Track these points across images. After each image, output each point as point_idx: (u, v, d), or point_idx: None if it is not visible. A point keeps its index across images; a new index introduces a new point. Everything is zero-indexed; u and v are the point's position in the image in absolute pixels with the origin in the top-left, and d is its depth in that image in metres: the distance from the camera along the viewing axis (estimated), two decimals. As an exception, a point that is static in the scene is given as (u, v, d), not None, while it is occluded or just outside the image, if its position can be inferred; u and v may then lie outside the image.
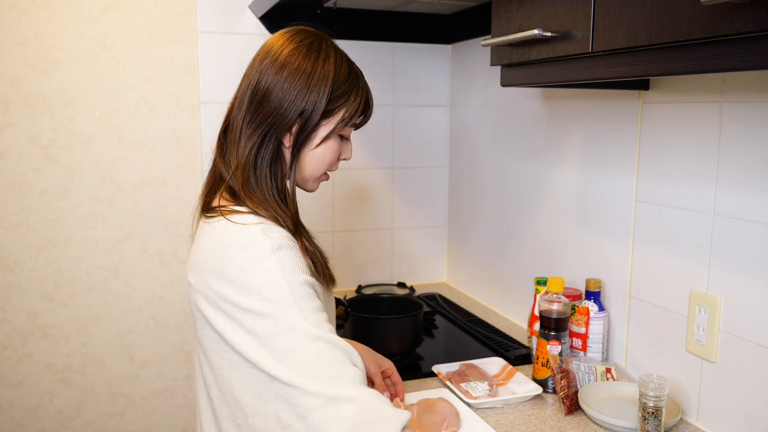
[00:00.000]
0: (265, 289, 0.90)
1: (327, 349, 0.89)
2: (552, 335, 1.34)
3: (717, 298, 1.15)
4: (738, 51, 0.73)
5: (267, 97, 1.00)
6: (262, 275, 0.90)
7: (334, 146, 1.06)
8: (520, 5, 1.13)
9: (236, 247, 0.93)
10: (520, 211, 1.78)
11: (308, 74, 1.00)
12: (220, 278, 0.92)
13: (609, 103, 1.42)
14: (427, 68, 2.14)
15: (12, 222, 1.79)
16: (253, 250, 0.92)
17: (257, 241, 0.92)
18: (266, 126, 1.00)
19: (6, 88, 1.74)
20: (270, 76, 1.01)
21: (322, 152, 1.05)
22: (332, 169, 1.10)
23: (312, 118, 1.00)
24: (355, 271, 2.16)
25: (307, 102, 1.00)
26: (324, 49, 1.04)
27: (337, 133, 1.05)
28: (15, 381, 1.84)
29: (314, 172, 1.07)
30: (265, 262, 0.91)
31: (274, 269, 0.91)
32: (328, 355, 0.88)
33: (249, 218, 0.96)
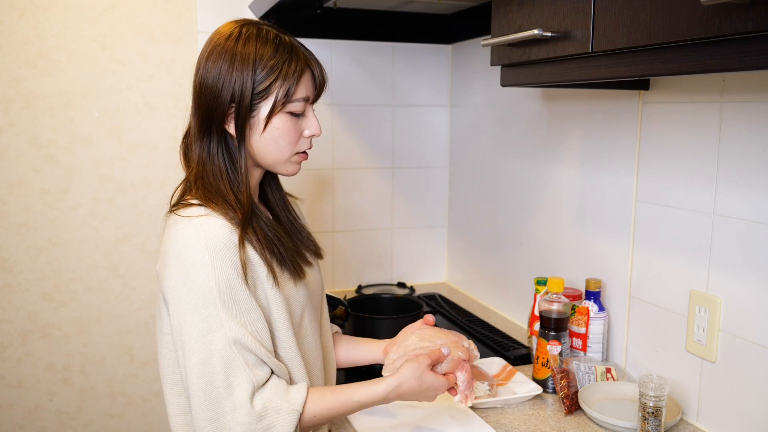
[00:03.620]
0: (196, 285, 0.94)
1: (241, 352, 0.94)
2: (552, 335, 1.34)
3: (717, 298, 1.15)
4: (738, 51, 0.73)
5: (201, 89, 1.02)
6: (190, 274, 0.94)
7: (284, 125, 1.03)
8: (520, 5, 1.13)
9: (173, 243, 0.97)
10: (520, 211, 1.78)
11: (230, 57, 1.00)
12: (162, 272, 0.98)
13: (609, 103, 1.42)
14: (427, 68, 2.14)
15: (12, 222, 1.78)
16: (185, 249, 0.95)
17: (191, 239, 0.95)
18: (208, 118, 1.02)
19: (6, 88, 1.74)
20: (201, 68, 1.03)
21: (272, 134, 1.03)
22: (301, 148, 1.08)
23: (243, 101, 1.00)
24: (355, 271, 2.16)
25: (234, 85, 0.99)
26: (245, 32, 1.02)
27: (283, 112, 1.02)
28: (15, 381, 1.84)
29: (278, 156, 1.05)
30: (196, 262, 0.94)
31: (200, 269, 0.94)
32: (242, 359, 0.94)
33: (194, 211, 0.98)
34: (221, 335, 0.93)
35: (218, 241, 0.95)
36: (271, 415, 0.94)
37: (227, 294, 0.95)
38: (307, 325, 1.11)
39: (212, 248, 0.95)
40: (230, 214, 0.99)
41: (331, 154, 2.06)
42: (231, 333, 0.94)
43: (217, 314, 0.94)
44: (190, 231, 0.96)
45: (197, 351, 0.94)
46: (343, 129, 2.07)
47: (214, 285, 0.94)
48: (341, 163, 2.08)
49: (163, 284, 0.98)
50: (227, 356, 0.93)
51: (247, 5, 1.89)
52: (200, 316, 0.94)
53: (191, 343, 0.94)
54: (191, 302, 0.94)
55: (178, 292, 0.95)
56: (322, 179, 2.06)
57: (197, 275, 0.94)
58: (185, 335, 0.95)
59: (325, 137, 2.04)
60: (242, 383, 0.94)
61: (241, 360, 0.94)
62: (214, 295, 0.94)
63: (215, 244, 0.95)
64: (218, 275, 0.94)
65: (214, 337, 0.94)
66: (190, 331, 0.94)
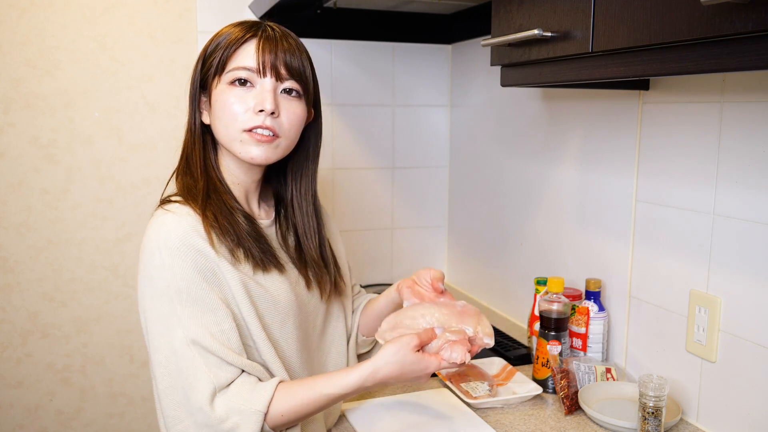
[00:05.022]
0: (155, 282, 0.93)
1: (201, 354, 0.92)
2: (552, 335, 1.34)
3: (717, 298, 1.15)
4: (738, 51, 0.73)
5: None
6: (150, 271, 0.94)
7: (223, 97, 1.01)
8: (520, 5, 1.13)
9: (143, 240, 0.97)
10: (520, 211, 1.78)
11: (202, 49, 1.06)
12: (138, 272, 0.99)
13: (609, 103, 1.42)
14: (427, 68, 2.14)
15: (12, 222, 1.78)
16: (147, 247, 0.95)
17: (151, 236, 0.95)
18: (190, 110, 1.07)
19: (6, 88, 1.74)
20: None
21: (216, 108, 1.03)
22: (246, 123, 1.00)
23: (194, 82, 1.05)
24: (355, 271, 2.15)
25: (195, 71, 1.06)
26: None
27: (223, 83, 1.02)
28: (15, 381, 1.84)
29: (225, 134, 1.02)
30: (154, 260, 0.94)
31: (161, 264, 0.93)
32: (203, 360, 0.92)
33: (170, 206, 0.99)
34: (180, 335, 0.92)
35: (175, 237, 0.93)
36: (233, 416, 0.92)
37: (185, 293, 0.93)
38: (290, 332, 1.06)
39: (169, 245, 0.93)
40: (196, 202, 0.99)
41: (331, 154, 2.06)
42: (188, 333, 0.92)
43: (174, 313, 0.92)
44: (153, 228, 0.96)
45: (159, 349, 0.93)
46: (343, 129, 2.07)
47: (171, 283, 0.92)
48: (341, 163, 2.08)
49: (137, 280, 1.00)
50: (186, 356, 0.92)
51: (247, 5, 1.89)
52: (159, 314, 0.93)
53: (154, 341, 0.94)
54: (152, 300, 0.94)
55: (141, 289, 0.96)
56: (322, 179, 2.06)
57: (155, 273, 0.93)
58: (150, 333, 0.95)
59: (325, 137, 2.03)
60: (201, 385, 0.92)
61: (201, 361, 0.92)
62: (171, 294, 0.92)
63: (172, 241, 0.93)
64: (175, 273, 0.92)
65: (172, 336, 0.92)
66: (153, 329, 0.94)
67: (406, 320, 1.07)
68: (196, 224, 0.96)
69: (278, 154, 1.05)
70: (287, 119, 1.03)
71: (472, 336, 1.04)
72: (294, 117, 1.04)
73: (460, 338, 1.01)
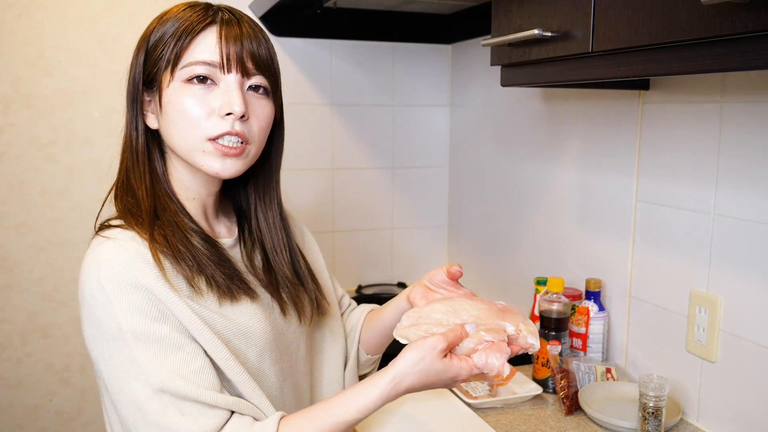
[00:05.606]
0: (102, 326, 0.78)
1: (173, 402, 0.76)
2: (552, 335, 1.34)
3: (717, 298, 1.15)
4: (738, 51, 0.73)
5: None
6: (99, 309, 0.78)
7: (179, 98, 0.84)
8: (520, 5, 1.13)
9: (80, 276, 0.81)
10: (520, 211, 1.78)
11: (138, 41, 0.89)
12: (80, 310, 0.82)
13: (609, 103, 1.42)
14: (427, 68, 2.14)
15: (12, 222, 1.78)
16: (86, 284, 0.79)
17: (89, 272, 0.79)
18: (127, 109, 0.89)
19: (6, 88, 1.74)
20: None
21: (168, 112, 0.85)
22: (211, 131, 0.84)
23: (134, 76, 0.87)
24: (355, 271, 2.16)
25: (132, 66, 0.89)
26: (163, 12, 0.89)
27: (177, 81, 0.84)
28: (15, 381, 1.84)
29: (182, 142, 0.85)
30: (99, 295, 0.77)
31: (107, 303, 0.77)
32: (176, 410, 0.76)
33: (108, 234, 0.82)
34: (142, 384, 0.76)
35: (120, 269, 0.77)
36: None
37: (141, 333, 0.76)
38: (268, 367, 0.90)
39: (113, 279, 0.77)
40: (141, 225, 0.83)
41: (331, 154, 2.06)
42: (153, 380, 0.75)
43: (132, 359, 0.76)
44: (90, 260, 0.80)
45: (122, 405, 0.78)
46: (343, 129, 2.07)
47: (123, 324, 0.76)
48: (341, 163, 2.08)
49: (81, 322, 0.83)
50: (156, 409, 0.76)
51: (247, 5, 1.89)
52: (114, 363, 0.77)
53: (115, 395, 0.78)
54: (102, 347, 0.78)
55: (88, 334, 0.80)
56: (322, 179, 2.06)
57: (101, 314, 0.77)
58: (108, 386, 0.79)
59: (325, 137, 2.04)
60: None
61: (175, 411, 0.76)
62: (126, 337, 0.76)
63: (116, 273, 0.77)
64: (126, 311, 0.76)
65: (133, 388, 0.76)
66: (110, 382, 0.79)
67: (435, 314, 0.88)
68: (143, 250, 0.80)
69: (248, 163, 0.89)
70: (257, 122, 0.87)
71: (513, 335, 0.87)
72: (264, 119, 0.89)
73: (498, 339, 0.84)
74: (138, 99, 0.87)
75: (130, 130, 0.88)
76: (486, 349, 0.82)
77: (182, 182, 0.90)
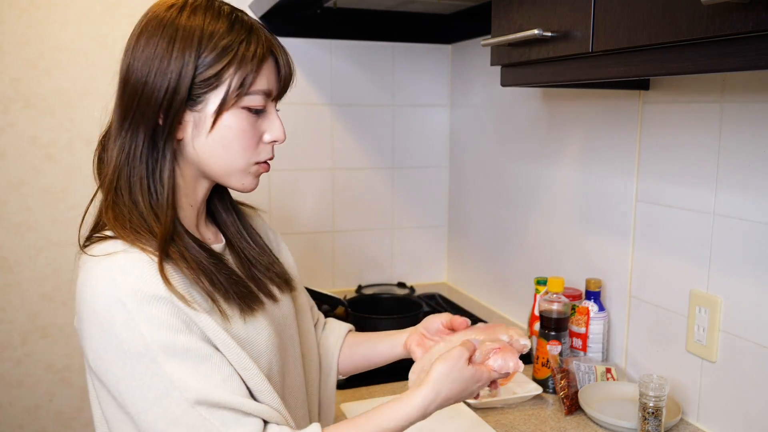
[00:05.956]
0: (124, 345, 0.73)
1: (213, 415, 0.74)
2: (552, 335, 1.34)
3: (717, 298, 1.15)
4: (738, 51, 0.73)
5: (129, 77, 0.80)
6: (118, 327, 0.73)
7: (238, 125, 0.81)
8: (520, 5, 1.13)
9: (85, 295, 0.75)
10: (520, 211, 1.78)
11: (170, 33, 0.79)
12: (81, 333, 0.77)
13: (609, 103, 1.42)
14: (427, 68, 2.14)
15: (12, 222, 1.78)
16: (98, 303, 0.74)
17: (103, 289, 0.73)
18: (133, 114, 0.80)
19: (6, 88, 1.74)
20: (130, 49, 0.81)
21: (222, 135, 0.81)
22: (261, 156, 0.85)
23: (179, 90, 0.78)
24: (355, 271, 2.16)
25: (171, 70, 0.78)
26: (191, 4, 0.81)
27: (238, 107, 0.81)
28: (15, 381, 1.84)
29: (230, 164, 0.83)
30: (118, 312, 0.73)
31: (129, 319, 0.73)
32: (216, 421, 0.73)
33: (110, 247, 0.77)
34: (176, 400, 0.72)
35: (139, 284, 0.73)
36: None
37: (170, 346, 0.73)
38: (275, 377, 0.88)
39: (134, 295, 0.73)
40: (146, 238, 0.78)
41: (331, 154, 2.06)
42: (189, 393, 0.73)
43: (163, 375, 0.72)
44: (99, 278, 0.74)
45: (153, 423, 0.73)
46: (343, 129, 2.07)
47: (149, 340, 0.72)
48: (341, 163, 2.08)
49: (85, 347, 0.77)
50: (194, 423, 0.73)
51: (247, 5, 1.89)
52: (140, 382, 0.73)
53: (141, 414, 0.73)
54: (123, 367, 0.73)
55: (98, 355, 0.74)
56: (322, 180, 2.06)
57: (122, 333, 0.72)
58: (130, 406, 0.74)
59: (325, 137, 2.04)
60: None
61: (214, 422, 0.73)
62: (154, 352, 0.72)
63: (136, 290, 0.73)
64: (151, 325, 0.73)
65: (167, 403, 0.72)
66: (134, 401, 0.73)
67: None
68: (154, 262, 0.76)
69: None
70: None
71: (508, 341, 0.96)
72: None
73: (501, 345, 0.92)
74: (178, 109, 0.80)
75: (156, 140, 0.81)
76: (496, 353, 0.90)
77: (185, 190, 0.86)
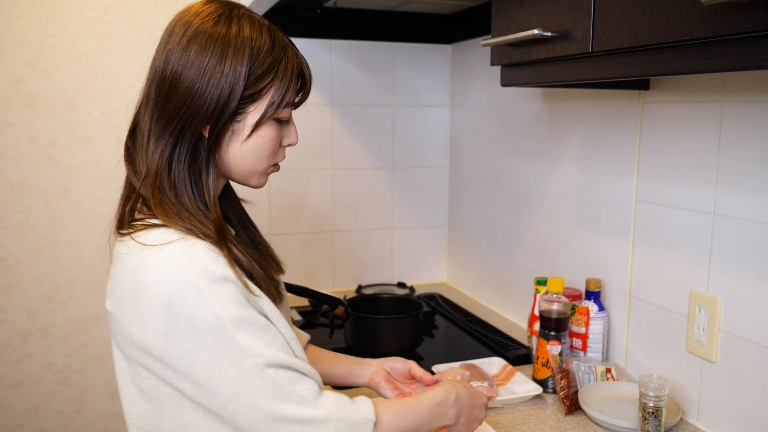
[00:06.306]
0: (195, 322, 0.78)
1: (281, 374, 0.81)
2: (552, 335, 1.34)
3: (717, 298, 1.15)
4: (738, 51, 0.73)
5: (175, 85, 0.85)
6: (190, 306, 0.78)
7: (271, 134, 0.89)
8: (520, 5, 1.13)
9: (145, 281, 0.79)
10: (520, 211, 1.78)
11: (220, 50, 0.84)
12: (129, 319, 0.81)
13: (609, 103, 1.42)
14: (427, 68, 2.14)
15: (12, 222, 1.78)
16: (168, 287, 0.78)
17: (173, 273, 0.78)
18: (179, 121, 0.84)
19: (6, 88, 1.74)
20: (176, 58, 0.85)
21: (257, 143, 0.88)
22: (278, 159, 0.94)
23: (229, 104, 0.84)
24: (355, 271, 2.16)
25: (222, 85, 0.83)
26: (236, 17, 0.87)
27: (271, 118, 0.88)
28: (15, 381, 1.84)
29: (255, 167, 0.91)
30: (191, 291, 0.78)
31: (201, 298, 0.78)
32: (285, 380, 0.81)
33: (160, 236, 0.82)
34: (248, 365, 0.79)
35: (209, 263, 0.80)
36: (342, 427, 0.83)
37: (238, 318, 0.80)
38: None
39: (205, 274, 0.79)
40: (204, 232, 0.83)
41: (331, 154, 2.06)
42: (260, 358, 0.80)
43: (233, 345, 0.79)
44: (166, 262, 0.79)
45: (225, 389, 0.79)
46: (343, 129, 2.07)
47: (221, 314, 0.78)
48: (341, 163, 2.08)
49: (130, 329, 0.81)
50: (264, 384, 0.80)
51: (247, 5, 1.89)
52: (213, 354, 0.78)
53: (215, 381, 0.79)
54: (196, 342, 0.78)
55: (171, 336, 0.79)
56: (322, 179, 2.06)
57: (195, 311, 0.78)
58: (204, 379, 0.79)
59: (325, 137, 2.04)
60: (297, 406, 0.81)
61: (284, 380, 0.81)
62: (225, 326, 0.79)
63: (207, 269, 0.79)
64: (223, 301, 0.79)
65: (239, 369, 0.79)
66: (210, 372, 0.79)
67: None
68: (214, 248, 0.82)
69: None
70: None
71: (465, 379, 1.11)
72: None
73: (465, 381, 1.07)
74: (226, 120, 0.85)
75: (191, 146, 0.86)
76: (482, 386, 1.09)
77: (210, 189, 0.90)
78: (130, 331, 0.81)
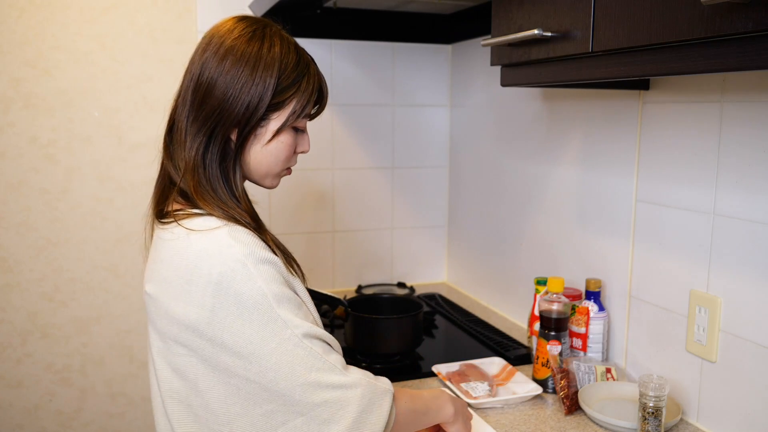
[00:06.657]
0: (242, 297, 0.86)
1: (315, 345, 0.89)
2: (552, 335, 1.34)
3: (717, 298, 1.15)
4: (738, 51, 0.73)
5: (210, 90, 0.95)
6: (238, 284, 0.86)
7: (288, 140, 1.00)
8: (520, 5, 1.13)
9: (195, 262, 0.88)
10: (520, 211, 1.78)
11: (253, 63, 0.94)
12: (188, 294, 0.88)
13: (609, 103, 1.42)
14: (427, 68, 2.14)
15: (12, 222, 1.78)
16: (218, 266, 0.86)
17: (223, 253, 0.87)
18: (212, 123, 0.95)
19: (6, 88, 1.74)
20: (212, 67, 0.95)
21: (275, 148, 0.99)
22: (291, 164, 1.05)
23: (257, 111, 0.94)
24: (355, 271, 2.16)
25: (252, 94, 0.94)
26: (269, 35, 0.98)
27: (290, 126, 0.99)
28: (15, 381, 1.84)
29: (270, 169, 1.01)
30: (239, 270, 0.86)
31: (248, 276, 0.86)
32: (319, 350, 0.89)
33: (209, 222, 0.91)
34: (289, 335, 0.87)
35: (253, 246, 0.89)
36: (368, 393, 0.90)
37: (279, 294, 0.88)
38: None
39: (251, 255, 0.88)
40: (245, 220, 0.94)
41: (331, 154, 2.06)
42: (298, 330, 0.87)
43: (275, 318, 0.87)
44: (216, 246, 0.88)
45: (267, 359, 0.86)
46: (343, 129, 2.07)
47: (266, 291, 0.87)
48: (341, 163, 2.08)
49: (179, 312, 0.88)
50: (303, 353, 0.87)
51: (247, 5, 1.89)
52: (257, 327, 0.86)
53: (259, 351, 0.87)
54: (242, 317, 0.86)
55: (218, 311, 0.86)
56: (322, 179, 2.06)
57: (243, 288, 0.86)
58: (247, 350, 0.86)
59: (325, 137, 2.04)
60: (330, 373, 0.88)
61: (318, 350, 0.88)
62: (269, 301, 0.87)
63: (253, 251, 0.88)
64: (267, 279, 0.87)
65: (280, 340, 0.87)
66: (253, 343, 0.86)
67: None
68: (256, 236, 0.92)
69: None
70: None
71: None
72: None
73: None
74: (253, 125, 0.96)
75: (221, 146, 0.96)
76: None
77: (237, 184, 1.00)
78: (175, 310, 0.88)
